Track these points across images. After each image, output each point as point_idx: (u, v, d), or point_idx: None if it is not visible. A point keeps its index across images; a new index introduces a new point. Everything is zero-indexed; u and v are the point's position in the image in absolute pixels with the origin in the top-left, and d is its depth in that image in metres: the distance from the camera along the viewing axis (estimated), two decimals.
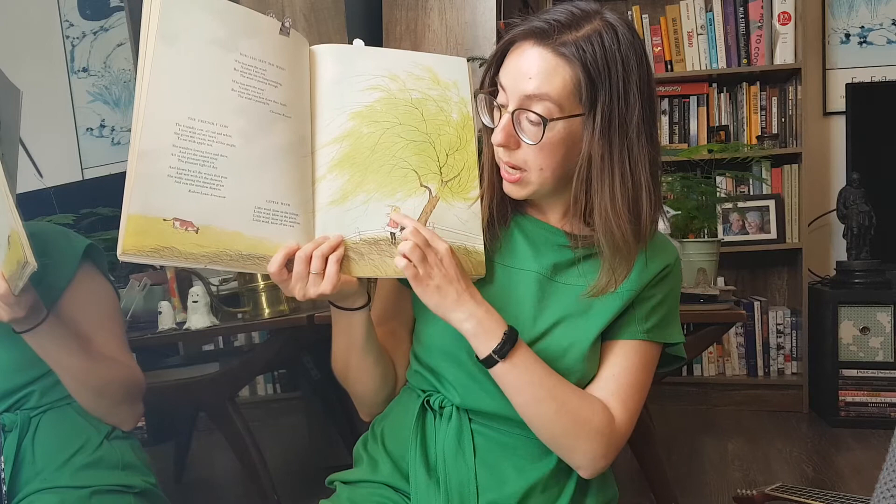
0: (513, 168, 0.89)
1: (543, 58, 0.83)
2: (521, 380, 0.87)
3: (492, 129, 0.90)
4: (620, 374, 0.92)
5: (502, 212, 0.96)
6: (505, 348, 0.85)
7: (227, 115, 0.80)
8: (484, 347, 0.86)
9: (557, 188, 0.91)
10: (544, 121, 0.83)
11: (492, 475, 0.92)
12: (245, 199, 0.81)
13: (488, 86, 0.91)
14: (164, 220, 0.76)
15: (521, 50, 0.85)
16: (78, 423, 1.18)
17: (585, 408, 0.89)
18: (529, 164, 0.87)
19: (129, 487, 1.17)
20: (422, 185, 0.90)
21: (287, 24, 0.84)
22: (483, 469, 0.92)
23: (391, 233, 0.88)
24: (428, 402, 0.96)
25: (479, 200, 0.93)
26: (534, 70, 0.83)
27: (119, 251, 0.75)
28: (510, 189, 0.91)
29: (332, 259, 0.84)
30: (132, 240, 0.75)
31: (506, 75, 0.87)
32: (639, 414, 0.94)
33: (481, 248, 0.92)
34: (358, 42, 0.90)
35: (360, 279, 0.89)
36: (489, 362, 0.86)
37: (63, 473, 1.13)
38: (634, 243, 0.88)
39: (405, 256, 0.83)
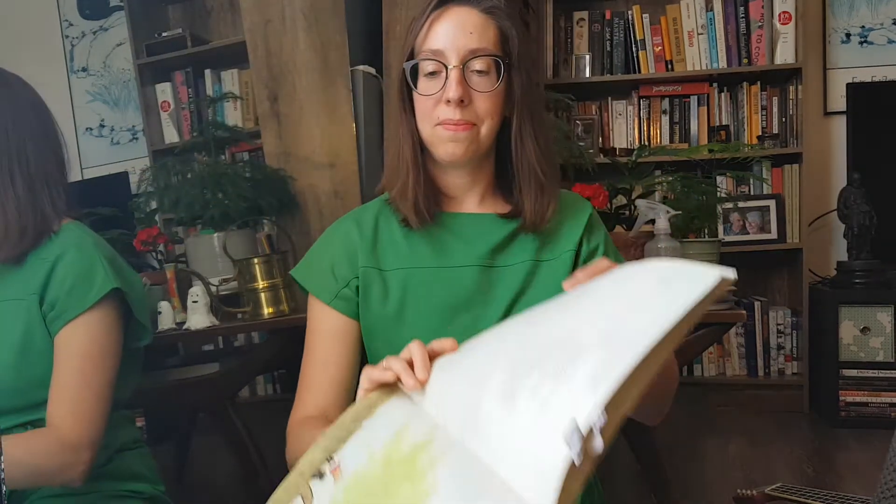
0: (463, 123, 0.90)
1: (474, 15, 0.90)
2: None
3: (409, 112, 0.94)
4: None
5: (427, 205, 0.94)
6: None
7: None
8: None
9: (487, 155, 0.96)
10: (502, 61, 0.89)
11: None
12: None
13: (406, 59, 0.93)
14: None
15: (449, 13, 0.90)
16: None
17: None
18: (481, 116, 0.90)
19: (138, 494, 1.17)
20: None
21: None
22: None
23: None
24: None
25: None
26: (470, 25, 0.89)
27: None
28: (454, 148, 0.91)
29: None
30: None
31: (440, 38, 0.90)
32: None
33: None
34: None
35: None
36: None
37: None
38: (555, 183, 0.95)
39: None
